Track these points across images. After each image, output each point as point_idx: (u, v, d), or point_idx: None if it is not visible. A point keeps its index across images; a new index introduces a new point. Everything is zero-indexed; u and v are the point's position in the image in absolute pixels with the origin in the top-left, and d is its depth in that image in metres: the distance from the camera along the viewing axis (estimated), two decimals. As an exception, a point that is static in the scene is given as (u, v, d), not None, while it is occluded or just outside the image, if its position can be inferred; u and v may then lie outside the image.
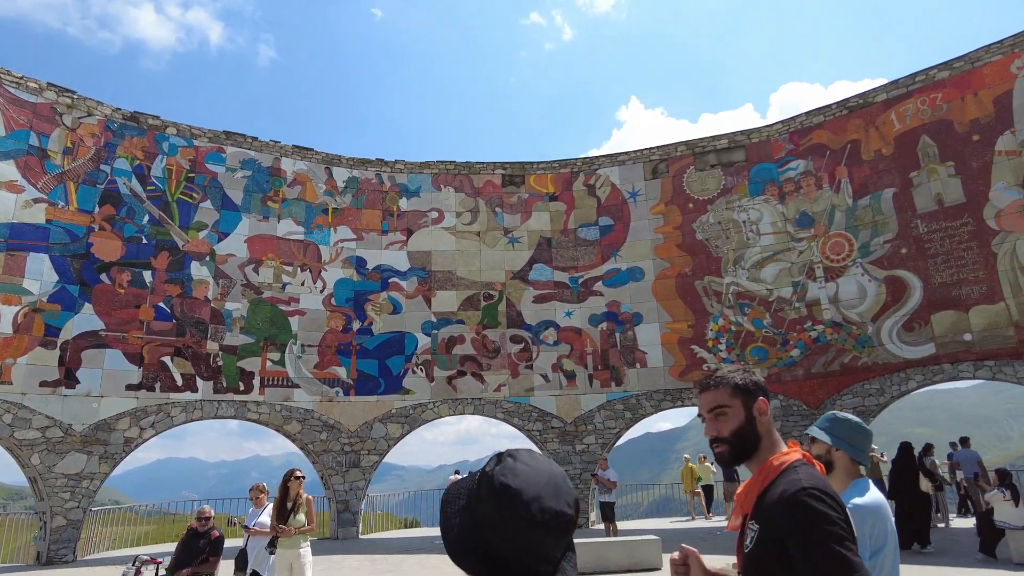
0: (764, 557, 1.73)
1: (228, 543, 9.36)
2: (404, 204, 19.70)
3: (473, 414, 18.56)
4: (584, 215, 19.81)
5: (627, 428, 18.37)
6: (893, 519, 2.57)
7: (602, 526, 15.09)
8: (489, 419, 18.71)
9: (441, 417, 18.43)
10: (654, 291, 18.70)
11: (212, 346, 16.64)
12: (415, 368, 18.44)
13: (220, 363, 16.67)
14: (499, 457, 1.18)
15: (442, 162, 20.27)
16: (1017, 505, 10.11)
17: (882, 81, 18.17)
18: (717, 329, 17.91)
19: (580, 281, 19.28)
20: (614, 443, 18.56)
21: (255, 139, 18.57)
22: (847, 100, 17.73)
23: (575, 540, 1.24)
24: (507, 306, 19.13)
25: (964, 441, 15.69)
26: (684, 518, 19.39)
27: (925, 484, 12.30)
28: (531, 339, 18.89)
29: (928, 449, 14.57)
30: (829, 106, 17.96)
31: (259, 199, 18.15)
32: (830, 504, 1.64)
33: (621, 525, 18.39)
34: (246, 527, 7.84)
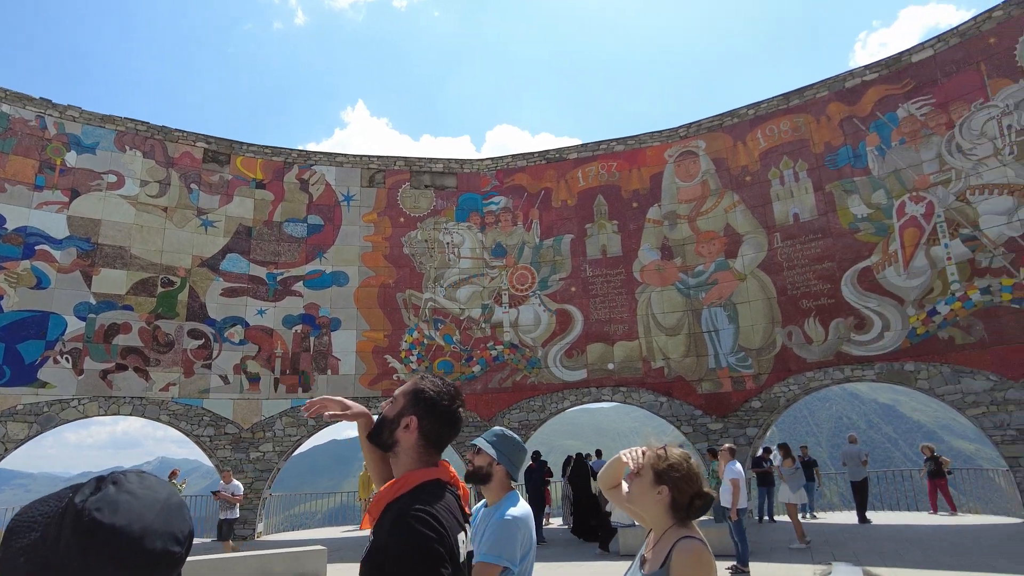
0: (368, 566, 1.78)
1: None
2: (72, 159, 16.48)
3: (131, 415, 16.12)
4: (293, 210, 18.91)
5: (309, 436, 17.83)
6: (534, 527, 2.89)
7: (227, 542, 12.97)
8: (152, 422, 16.47)
9: (88, 417, 15.64)
10: (356, 298, 18.64)
11: None
12: (59, 357, 15.39)
13: None
14: (97, 483, 1.00)
15: (132, 120, 17.50)
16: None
17: (576, 141, 21.20)
18: (411, 341, 18.57)
19: (279, 278, 18.28)
20: (292, 451, 17.85)
21: None
22: (547, 152, 20.12)
23: (238, 554, 1.13)
24: (190, 296, 17.19)
25: (599, 453, 18.61)
26: (355, 526, 19.46)
27: (595, 486, 14.36)
28: (213, 335, 17.23)
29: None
30: (532, 154, 20.17)
31: None
32: (434, 529, 1.72)
33: (293, 535, 17.70)
34: None
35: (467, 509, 2.02)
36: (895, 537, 12.35)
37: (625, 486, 2.24)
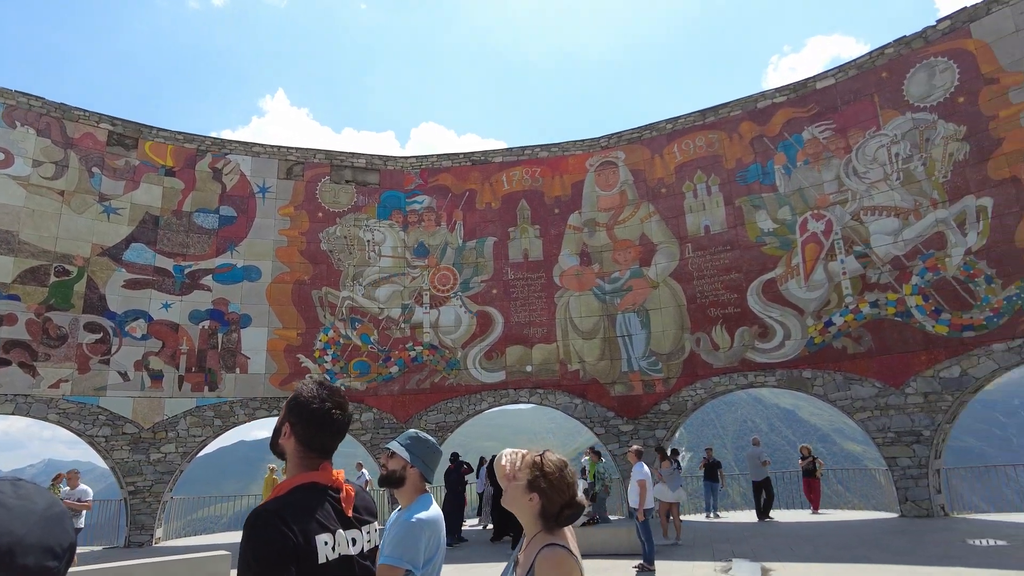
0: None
1: None
2: (-48, 134, 15.12)
3: (12, 414, 14.91)
4: (204, 199, 18.07)
5: (215, 436, 17.07)
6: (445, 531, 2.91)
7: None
8: (39, 421, 15.28)
9: (-39, 414, 14.37)
10: (268, 294, 18.02)
11: None
12: (-70, 348, 14.05)
13: None
14: None
15: (24, 94, 16.22)
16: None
17: (502, 144, 21.41)
18: (326, 340, 18.13)
19: (187, 271, 17.42)
20: (197, 452, 17.04)
21: None
22: (472, 153, 20.16)
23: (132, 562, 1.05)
24: (87, 287, 16.10)
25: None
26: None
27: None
28: (113, 329, 16.21)
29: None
30: (458, 155, 20.16)
31: None
32: (272, 528, 1.77)
33: (195, 540, 16.87)
34: None
35: (348, 511, 2.03)
36: (788, 534, 13.13)
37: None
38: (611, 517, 16.31)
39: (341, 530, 1.95)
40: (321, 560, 1.83)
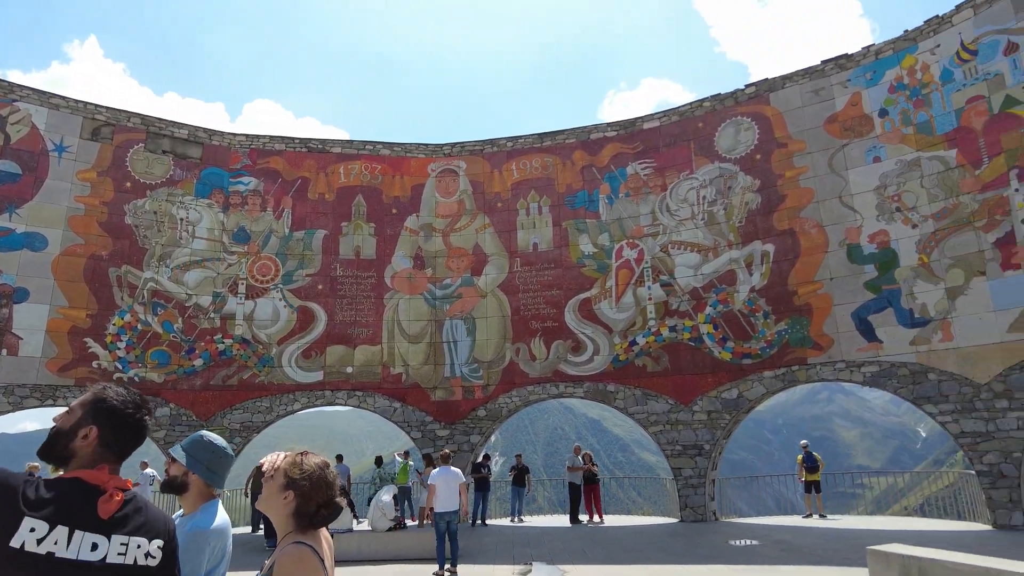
0: None
1: None
2: None
3: None
4: (-23, 150, 15.41)
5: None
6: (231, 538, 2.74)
7: None
8: None
9: None
10: (55, 267, 15.75)
11: None
12: None
13: None
14: None
15: None
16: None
17: (344, 135, 20.69)
18: (122, 325, 16.24)
19: (-56, 231, 14.70)
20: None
21: None
22: (310, 140, 19.28)
23: None
24: None
25: (339, 458, 17.94)
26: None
27: None
28: None
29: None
30: (293, 139, 19.16)
31: None
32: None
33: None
34: None
35: (104, 514, 1.84)
36: (584, 537, 14.04)
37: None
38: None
39: (82, 531, 1.76)
40: (13, 542, 1.66)
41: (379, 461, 17.58)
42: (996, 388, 12.82)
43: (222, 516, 2.67)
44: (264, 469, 2.18)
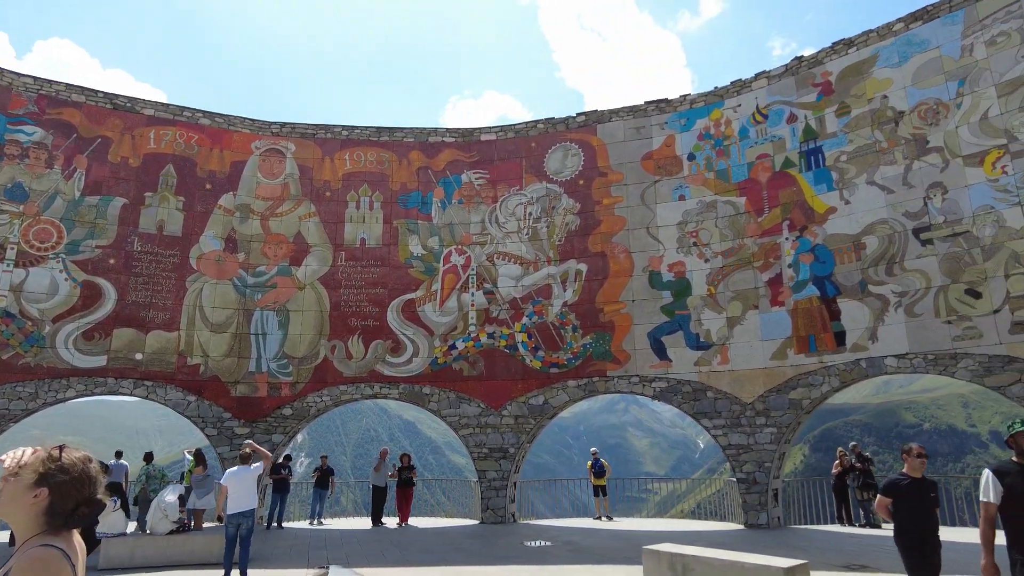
0: None
1: None
2: None
3: None
4: None
5: None
6: None
7: None
8: None
9: None
10: None
11: None
12: None
13: None
14: None
15: None
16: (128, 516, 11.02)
17: (160, 97, 18.63)
18: None
19: None
20: None
21: None
22: (117, 96, 17.19)
23: None
24: None
25: (119, 454, 15.97)
26: None
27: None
28: None
29: None
30: (96, 92, 16.96)
31: None
32: None
33: None
34: None
35: None
36: (384, 539, 13.95)
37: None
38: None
39: None
40: None
41: (149, 457, 16.09)
42: (758, 407, 14.88)
43: None
44: (6, 465, 1.94)
